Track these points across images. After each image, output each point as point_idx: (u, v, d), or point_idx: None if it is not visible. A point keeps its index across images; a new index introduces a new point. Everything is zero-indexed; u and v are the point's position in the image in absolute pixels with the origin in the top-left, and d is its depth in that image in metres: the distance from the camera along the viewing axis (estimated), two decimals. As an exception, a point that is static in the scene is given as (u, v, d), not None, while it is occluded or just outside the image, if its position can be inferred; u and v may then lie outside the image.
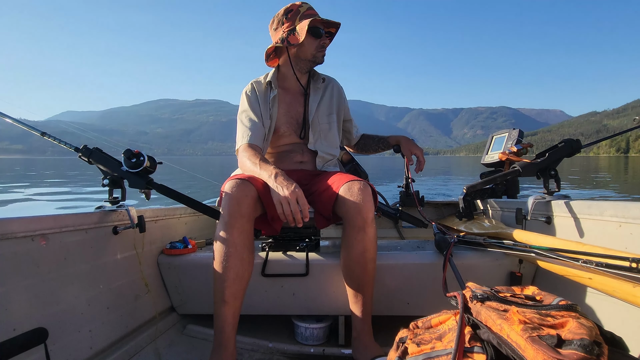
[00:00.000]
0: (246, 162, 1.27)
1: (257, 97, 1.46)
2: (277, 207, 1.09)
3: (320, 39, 1.41)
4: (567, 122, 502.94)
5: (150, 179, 1.29)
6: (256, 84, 1.50)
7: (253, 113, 1.43)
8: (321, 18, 1.38)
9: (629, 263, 0.75)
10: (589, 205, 1.11)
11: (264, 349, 1.35)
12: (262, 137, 1.41)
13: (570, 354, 0.49)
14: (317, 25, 1.38)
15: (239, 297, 1.11)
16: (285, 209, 1.07)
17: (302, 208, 1.07)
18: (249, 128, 1.39)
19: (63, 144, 1.29)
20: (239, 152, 1.37)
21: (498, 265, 1.31)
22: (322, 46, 1.42)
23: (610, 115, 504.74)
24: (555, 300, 0.66)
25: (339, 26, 1.46)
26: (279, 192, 1.09)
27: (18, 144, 41.22)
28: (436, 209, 2.03)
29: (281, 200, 1.08)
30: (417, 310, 1.32)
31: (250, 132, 1.38)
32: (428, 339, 0.69)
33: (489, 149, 1.88)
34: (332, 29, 1.48)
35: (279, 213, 1.09)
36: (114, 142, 1.39)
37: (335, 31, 1.49)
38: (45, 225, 1.01)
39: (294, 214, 1.07)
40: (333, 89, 1.58)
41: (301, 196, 1.08)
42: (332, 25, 1.46)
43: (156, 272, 1.45)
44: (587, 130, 48.19)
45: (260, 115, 1.43)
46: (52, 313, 1.00)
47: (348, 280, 1.22)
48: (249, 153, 1.30)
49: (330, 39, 1.48)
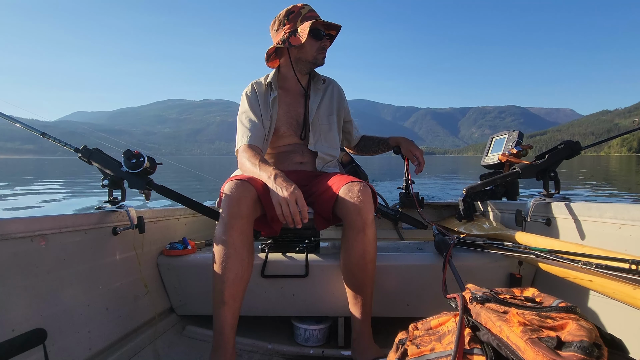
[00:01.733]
0: (246, 162, 1.28)
1: (257, 98, 1.47)
2: (277, 209, 1.09)
3: (321, 40, 1.41)
4: (577, 121, 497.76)
5: (150, 180, 1.29)
6: (256, 85, 1.50)
7: (253, 114, 1.43)
8: (322, 20, 1.39)
9: (629, 265, 0.75)
10: (588, 207, 1.11)
11: (263, 350, 1.34)
12: (262, 138, 1.42)
13: (570, 355, 0.49)
14: (318, 27, 1.39)
15: (239, 298, 1.11)
16: (284, 210, 1.07)
17: (301, 209, 1.07)
18: (249, 129, 1.40)
19: (63, 145, 1.29)
20: (238, 152, 1.37)
21: (498, 267, 1.31)
22: (322, 48, 1.43)
23: (622, 114, 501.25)
24: (555, 302, 0.66)
25: (340, 29, 1.47)
26: (279, 193, 1.09)
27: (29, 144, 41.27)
28: (436, 210, 2.03)
29: (280, 202, 1.08)
30: (416, 311, 1.32)
31: (250, 132, 1.39)
32: (427, 340, 0.69)
33: (488, 151, 1.88)
34: (333, 32, 1.48)
35: (278, 214, 1.09)
36: (122, 142, 1.41)
37: (336, 34, 1.50)
38: (45, 225, 1.01)
39: (293, 215, 1.07)
40: (333, 90, 1.59)
41: (300, 197, 1.08)
42: (333, 28, 1.46)
43: (155, 273, 1.45)
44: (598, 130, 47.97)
45: (260, 116, 1.43)
46: (51, 314, 1.00)
47: (348, 281, 1.22)
48: (248, 154, 1.30)
49: (330, 41, 1.48)
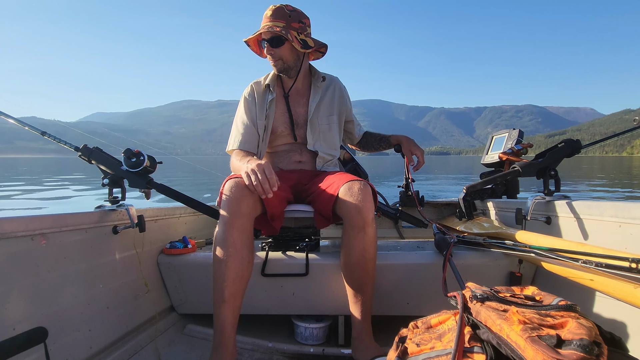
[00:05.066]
0: (236, 163, 1.34)
1: (254, 100, 1.49)
2: (246, 180, 1.11)
3: (264, 50, 1.39)
4: (598, 120, 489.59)
5: (150, 179, 1.29)
6: (255, 85, 1.50)
7: (248, 118, 1.47)
8: (259, 30, 1.35)
9: (629, 263, 0.75)
10: (589, 206, 1.10)
11: (263, 348, 1.35)
12: (255, 143, 1.46)
13: (570, 354, 0.49)
14: (258, 39, 1.40)
15: (239, 296, 1.11)
16: (253, 179, 1.09)
17: (269, 177, 1.09)
18: (242, 133, 1.45)
19: (63, 144, 1.29)
20: (231, 156, 1.43)
21: (498, 266, 1.31)
22: (270, 57, 1.40)
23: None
24: (554, 301, 0.66)
25: (275, 36, 1.33)
26: (247, 166, 1.13)
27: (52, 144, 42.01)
28: (436, 209, 2.03)
29: (248, 172, 1.10)
30: (416, 310, 1.32)
31: (241, 137, 1.45)
32: (428, 339, 0.69)
33: (489, 149, 1.88)
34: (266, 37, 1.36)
35: (248, 185, 1.11)
36: (137, 142, 1.43)
37: (272, 38, 1.35)
38: (45, 224, 1.01)
39: (262, 183, 1.08)
40: (335, 89, 1.57)
41: (268, 167, 1.11)
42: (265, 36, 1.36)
43: (156, 271, 1.45)
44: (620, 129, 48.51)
45: (255, 121, 1.47)
46: (51, 312, 1.00)
47: (348, 280, 1.22)
48: (240, 156, 1.36)
49: (277, 44, 1.36)
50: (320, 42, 1.45)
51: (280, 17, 1.35)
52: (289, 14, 1.36)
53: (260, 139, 1.47)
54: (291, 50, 1.39)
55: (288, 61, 1.41)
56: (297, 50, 1.39)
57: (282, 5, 1.37)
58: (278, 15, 1.35)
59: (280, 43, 1.36)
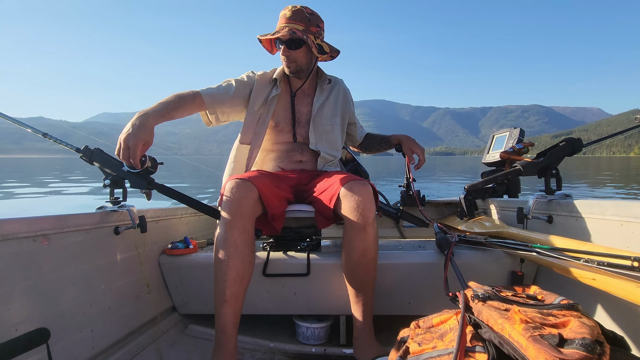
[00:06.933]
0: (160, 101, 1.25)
1: (252, 84, 1.46)
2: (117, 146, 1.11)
3: (280, 51, 1.39)
4: (606, 120, 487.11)
5: (151, 179, 1.30)
6: (261, 75, 1.49)
7: (235, 88, 1.42)
8: (275, 31, 1.34)
9: (631, 262, 0.75)
10: (590, 205, 1.10)
11: (265, 348, 1.35)
12: (219, 103, 1.39)
13: (572, 353, 0.49)
14: (273, 39, 1.38)
15: (240, 296, 1.11)
16: (116, 149, 1.11)
17: (131, 154, 1.08)
18: (217, 88, 1.40)
19: (64, 145, 1.29)
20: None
21: (499, 265, 1.31)
22: (285, 58, 1.39)
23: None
24: (556, 300, 0.66)
25: (291, 36, 1.34)
26: (125, 130, 1.11)
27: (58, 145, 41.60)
28: (437, 208, 2.03)
29: (120, 139, 1.10)
30: (418, 309, 1.32)
31: (215, 90, 1.39)
32: (429, 338, 0.69)
33: (490, 148, 1.88)
34: (284, 38, 1.36)
35: (116, 151, 1.12)
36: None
37: (291, 40, 1.35)
38: (47, 225, 1.01)
39: (123, 159, 1.10)
40: (339, 91, 1.58)
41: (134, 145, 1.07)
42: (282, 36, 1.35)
43: (157, 272, 1.45)
44: None
45: (240, 97, 1.42)
46: (54, 313, 1.01)
47: (349, 280, 1.22)
48: (181, 93, 1.31)
49: (295, 47, 1.36)
50: (334, 47, 1.45)
51: (300, 19, 1.35)
52: (309, 17, 1.36)
53: (257, 132, 1.43)
54: (306, 53, 1.39)
55: (302, 64, 1.41)
56: (311, 54, 1.39)
57: (302, 8, 1.36)
58: (298, 18, 1.35)
59: (298, 46, 1.36)
